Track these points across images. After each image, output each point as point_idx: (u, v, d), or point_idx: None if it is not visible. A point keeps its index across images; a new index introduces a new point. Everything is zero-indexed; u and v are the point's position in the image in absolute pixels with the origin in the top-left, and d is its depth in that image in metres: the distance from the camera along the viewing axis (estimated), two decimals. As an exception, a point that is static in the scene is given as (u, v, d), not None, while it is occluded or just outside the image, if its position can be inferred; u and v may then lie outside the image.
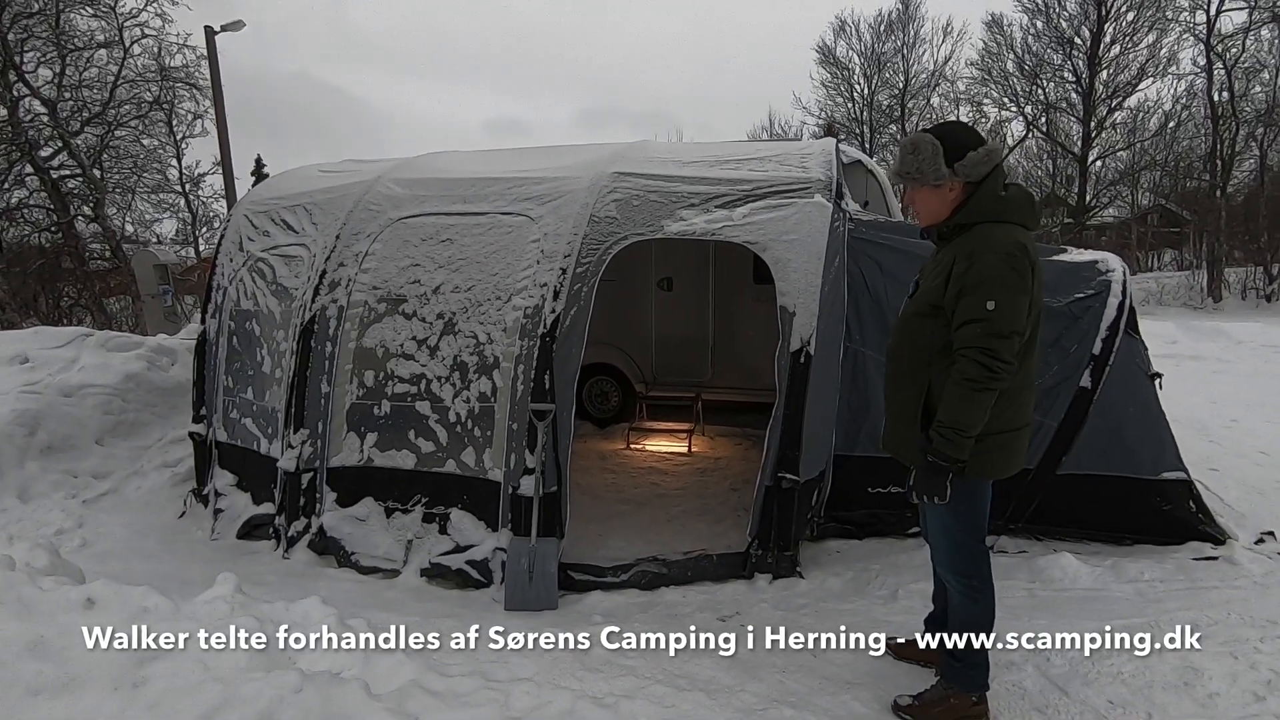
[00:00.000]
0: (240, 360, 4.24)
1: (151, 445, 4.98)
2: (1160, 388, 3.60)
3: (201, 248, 19.92)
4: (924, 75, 26.13)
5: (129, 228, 17.55)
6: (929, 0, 31.54)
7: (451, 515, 3.48)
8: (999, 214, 2.06)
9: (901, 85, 26.34)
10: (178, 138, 18.50)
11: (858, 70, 27.03)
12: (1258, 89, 20.14)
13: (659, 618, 2.98)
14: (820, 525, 3.69)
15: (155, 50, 16.15)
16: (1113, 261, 3.78)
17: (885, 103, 26.85)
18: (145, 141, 17.03)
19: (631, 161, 3.90)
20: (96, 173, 16.02)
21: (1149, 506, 3.51)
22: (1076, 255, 3.96)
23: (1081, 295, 3.66)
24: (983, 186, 2.09)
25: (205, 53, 13.28)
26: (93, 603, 2.49)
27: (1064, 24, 22.65)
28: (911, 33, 25.97)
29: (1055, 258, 3.97)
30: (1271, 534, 3.57)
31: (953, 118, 25.82)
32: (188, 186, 19.82)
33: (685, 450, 5.32)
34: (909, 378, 2.18)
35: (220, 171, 14.19)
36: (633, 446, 5.47)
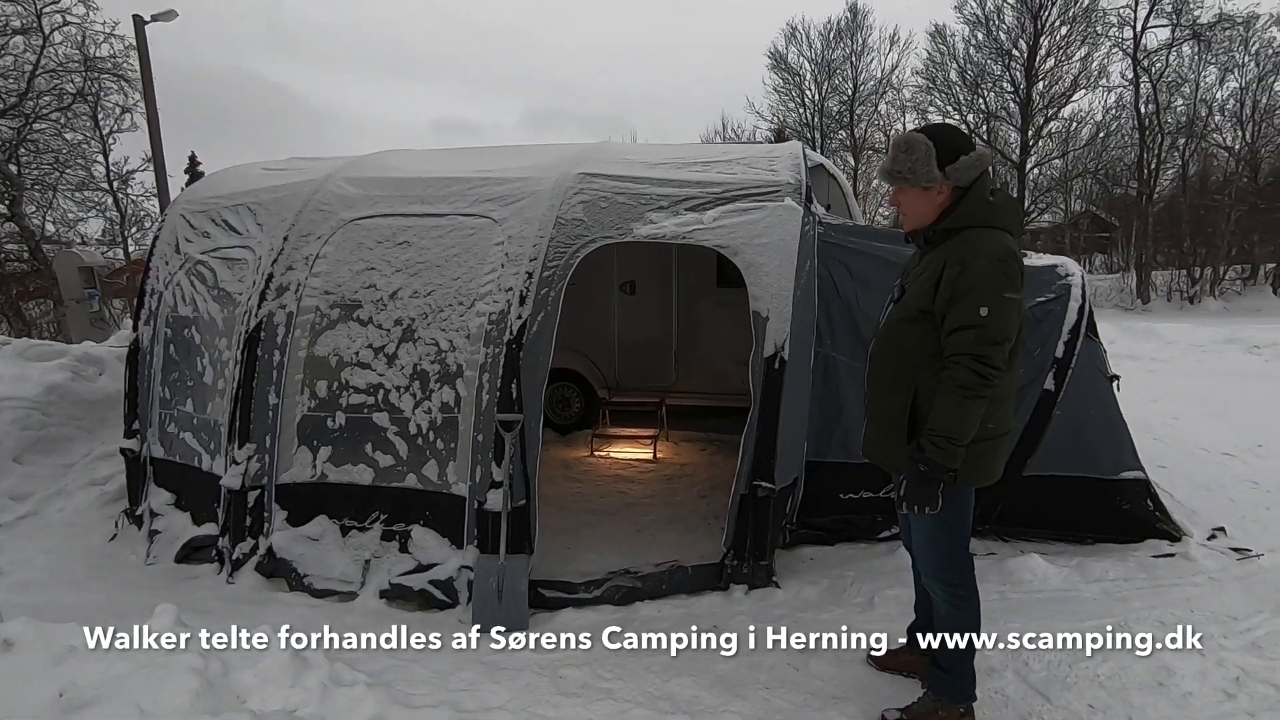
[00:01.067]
0: (178, 370, 3.95)
1: (77, 462, 4.61)
2: (1118, 389, 3.69)
3: (131, 249, 18.84)
4: (872, 83, 26.76)
5: (50, 227, 16.51)
6: (876, 9, 32.40)
7: (413, 533, 3.30)
8: (988, 219, 2.04)
9: (850, 92, 26.91)
10: (104, 132, 17.45)
11: (808, 76, 27.50)
12: (1179, 102, 21.33)
13: (636, 635, 2.87)
14: (793, 532, 3.65)
15: (79, 39, 15.23)
16: (1071, 266, 3.86)
17: (835, 109, 27.38)
18: (68, 136, 16.03)
19: (597, 162, 3.79)
20: (13, 168, 15.00)
21: (1110, 506, 3.59)
22: (1036, 259, 4.01)
23: (1043, 299, 3.71)
24: (972, 191, 2.06)
25: (134, 43, 12.58)
26: (10, 644, 2.24)
27: (1003, 36, 23.55)
28: (860, 40, 26.55)
29: (1015, 262, 4.05)
30: (1222, 529, 3.69)
31: (899, 126, 26.60)
32: (115, 184, 18.68)
33: (651, 457, 5.24)
34: (895, 383, 2.13)
35: (151, 169, 13.45)
36: (597, 454, 5.35)
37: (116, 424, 4.45)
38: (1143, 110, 21.06)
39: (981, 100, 24.56)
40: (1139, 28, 20.75)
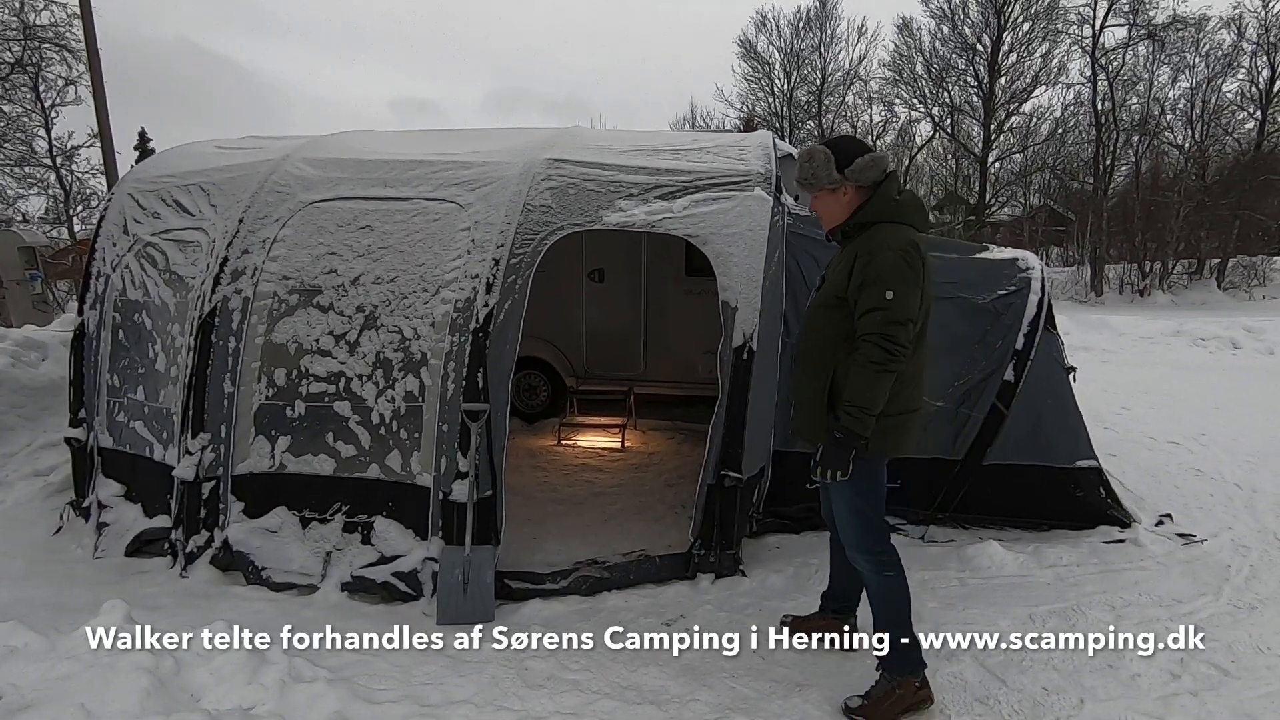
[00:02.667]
0: (128, 356, 3.79)
1: (18, 452, 4.41)
2: (1074, 381, 3.79)
3: (77, 228, 18.04)
4: (840, 74, 26.96)
5: (-12, 204, 15.70)
6: (845, 0, 32.54)
7: (375, 524, 3.23)
8: (894, 215, 2.28)
9: (819, 82, 27.06)
10: (46, 105, 16.60)
11: (778, 65, 27.56)
12: (1134, 100, 21.99)
13: (602, 626, 2.87)
14: (759, 521, 3.68)
15: (17, 5, 14.42)
16: (1031, 259, 3.95)
17: (804, 99, 27.52)
18: (6, 108, 15.23)
19: (566, 148, 3.73)
20: (-54, 141, 14.20)
21: (1065, 493, 3.69)
22: (997, 253, 4.10)
23: (1004, 292, 3.79)
24: (880, 191, 2.30)
25: (78, 11, 11.96)
26: (-55, 645, 2.13)
27: (967, 30, 23.92)
28: (828, 31, 26.68)
29: (978, 255, 4.11)
30: (1169, 516, 3.84)
31: (865, 117, 26.87)
32: (59, 160, 17.82)
33: (619, 446, 5.22)
34: (817, 365, 2.34)
35: (98, 144, 12.86)
36: (564, 443, 5.32)
37: (60, 412, 4.26)
38: (1099, 107, 21.67)
39: (946, 94, 24.96)
40: (1098, 26, 21.31)
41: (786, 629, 2.78)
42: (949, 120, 25.19)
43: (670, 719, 2.28)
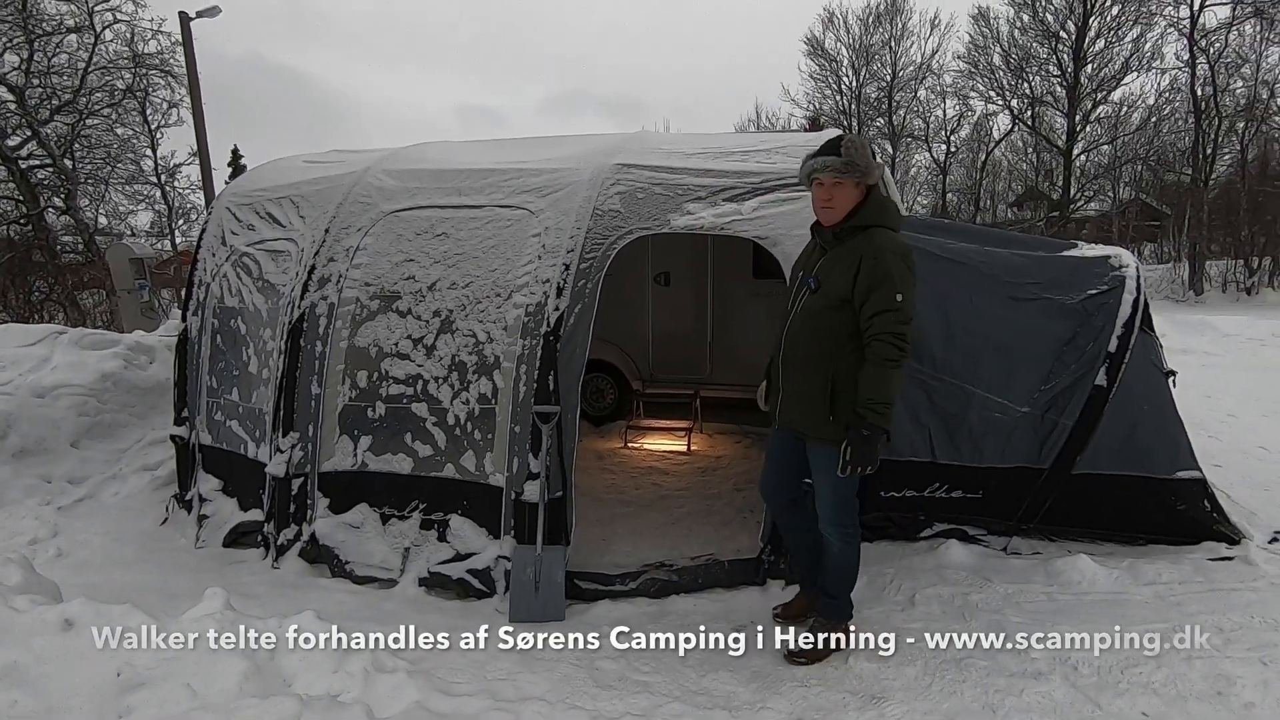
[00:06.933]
0: (225, 359, 4.05)
1: (130, 448, 4.77)
2: (1174, 385, 3.55)
3: (178, 240, 19.42)
4: (911, 68, 26.13)
5: (102, 220, 17.10)
6: (916, -7, 31.62)
7: (451, 522, 3.33)
8: (892, 221, 2.43)
9: (889, 78, 26.32)
10: (152, 127, 17.96)
11: (846, 63, 26.96)
12: (1239, 84, 20.36)
13: (671, 628, 2.86)
14: (830, 528, 3.59)
15: (128, 36, 15.67)
16: (1126, 257, 3.71)
17: (873, 96, 26.82)
18: (119, 131, 16.56)
19: (633, 153, 3.76)
20: (67, 163, 15.55)
21: (1164, 506, 3.45)
22: (1087, 250, 3.88)
23: (1094, 291, 3.58)
24: (873, 193, 2.43)
25: (180, 39, 12.89)
26: (70, 624, 2.33)
27: (1050, 17, 22.74)
28: (899, 25, 25.93)
29: (1065, 253, 3.90)
30: (1285, 533, 3.53)
31: (939, 111, 25.95)
32: (163, 177, 19.25)
33: (685, 449, 5.21)
34: (817, 362, 2.45)
35: (197, 162, 13.82)
36: (630, 445, 5.35)
37: (167, 411, 4.60)
38: (1199, 93, 20.15)
39: (1026, 85, 23.81)
40: (1196, 6, 19.83)
41: (780, 619, 2.90)
42: (1029, 112, 24.00)
43: (741, 726, 2.26)
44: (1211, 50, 19.84)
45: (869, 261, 2.30)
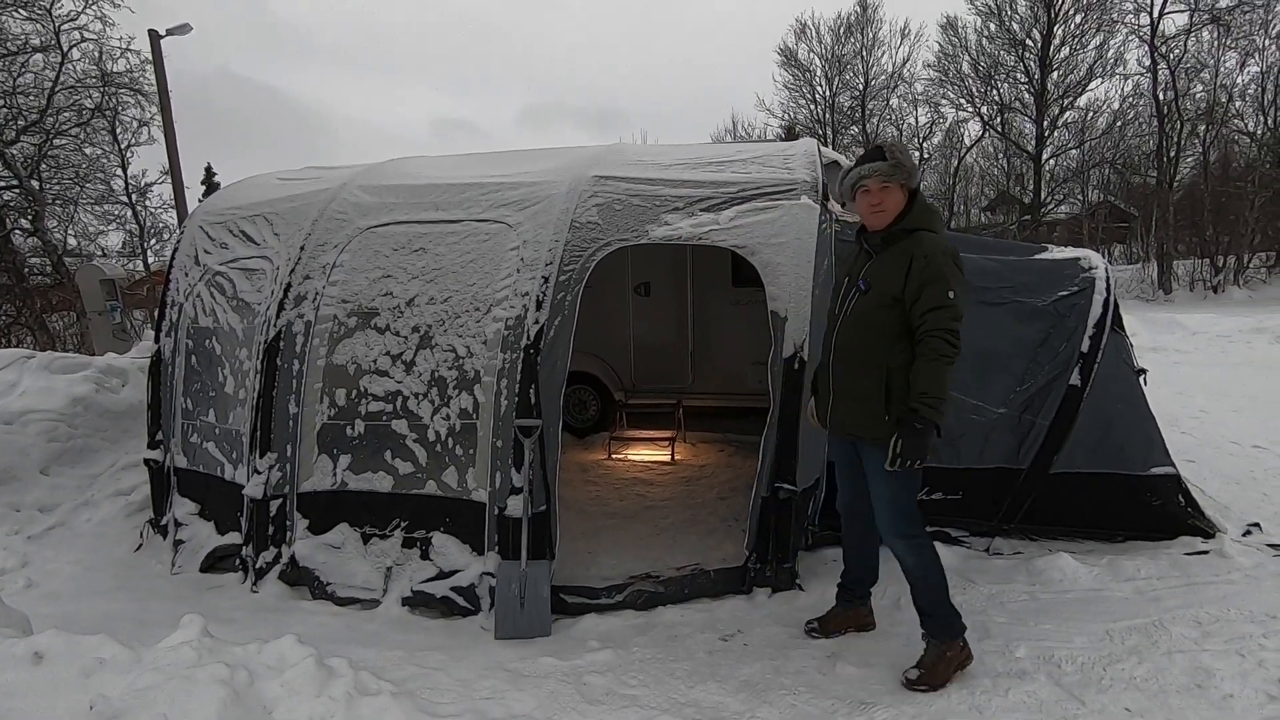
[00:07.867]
0: (200, 380, 3.98)
1: (102, 473, 4.66)
2: (1145, 384, 3.62)
3: (151, 260, 19.08)
4: (883, 77, 26.58)
5: (72, 240, 16.75)
6: (886, 3, 32.22)
7: (433, 539, 3.29)
8: (937, 224, 2.49)
9: (862, 87, 26.74)
10: (122, 146, 17.67)
11: (819, 72, 27.38)
12: (1199, 88, 20.95)
13: (659, 640, 2.85)
14: (815, 534, 3.60)
15: (96, 55, 15.44)
16: (1095, 259, 3.80)
17: (847, 104, 27.21)
18: (87, 150, 16.24)
19: (611, 165, 3.77)
20: (35, 183, 15.23)
21: (1140, 502, 3.51)
22: (1057, 253, 3.96)
23: (1065, 293, 3.65)
24: (918, 199, 2.49)
25: (149, 57, 12.74)
26: (41, 656, 2.26)
27: (1015, 26, 23.29)
28: (870, 35, 26.40)
29: (1037, 256, 3.98)
30: (1258, 525, 3.60)
31: (911, 119, 26.36)
32: (134, 197, 18.92)
33: (669, 459, 5.21)
34: (869, 363, 2.45)
35: (169, 180, 13.62)
36: (614, 456, 5.34)
37: (140, 434, 4.50)
38: (1161, 97, 20.70)
39: (995, 92, 24.32)
40: (1156, 14, 20.41)
41: (818, 634, 2.83)
42: (999, 118, 24.49)
43: (731, 737, 2.25)
44: (1172, 56, 20.44)
45: (919, 261, 2.35)
